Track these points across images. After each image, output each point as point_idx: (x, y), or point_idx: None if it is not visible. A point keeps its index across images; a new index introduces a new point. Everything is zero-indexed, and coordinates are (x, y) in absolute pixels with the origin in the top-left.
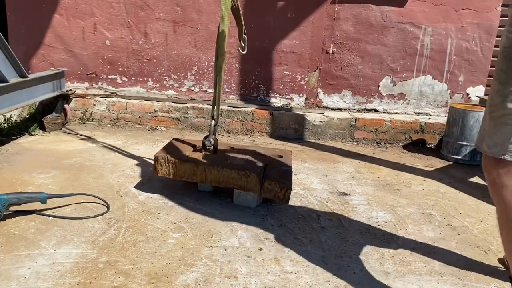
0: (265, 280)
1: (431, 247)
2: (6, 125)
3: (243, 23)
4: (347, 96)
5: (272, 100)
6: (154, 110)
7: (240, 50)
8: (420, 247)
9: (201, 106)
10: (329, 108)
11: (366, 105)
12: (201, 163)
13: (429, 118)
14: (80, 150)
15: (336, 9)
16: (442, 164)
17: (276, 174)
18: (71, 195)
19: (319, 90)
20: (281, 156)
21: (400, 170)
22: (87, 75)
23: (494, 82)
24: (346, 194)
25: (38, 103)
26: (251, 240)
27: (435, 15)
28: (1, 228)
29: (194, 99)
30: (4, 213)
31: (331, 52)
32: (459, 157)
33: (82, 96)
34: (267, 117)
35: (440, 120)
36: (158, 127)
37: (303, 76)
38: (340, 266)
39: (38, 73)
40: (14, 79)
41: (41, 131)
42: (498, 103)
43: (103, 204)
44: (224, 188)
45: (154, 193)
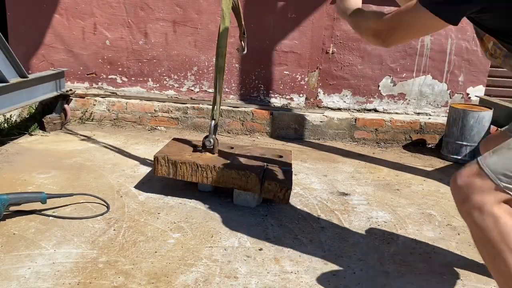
0: (265, 280)
1: (431, 247)
2: (6, 125)
3: (243, 22)
4: (347, 96)
5: (272, 100)
6: (154, 110)
7: (239, 51)
8: (420, 247)
9: (201, 106)
10: (329, 108)
11: (366, 105)
12: (201, 163)
13: (429, 118)
14: (80, 150)
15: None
16: (442, 164)
17: (276, 174)
18: (71, 195)
19: (319, 90)
20: (281, 156)
21: (400, 170)
22: (87, 75)
23: None
24: (346, 194)
25: (38, 103)
26: (251, 240)
27: None
28: (1, 228)
29: (194, 99)
30: (4, 213)
31: (331, 52)
32: (459, 157)
33: (82, 96)
34: (267, 117)
35: (440, 120)
36: (158, 127)
37: (303, 76)
38: (340, 266)
39: (38, 73)
40: (14, 79)
41: (41, 131)
42: None
43: (103, 204)
44: (224, 188)
45: (154, 193)
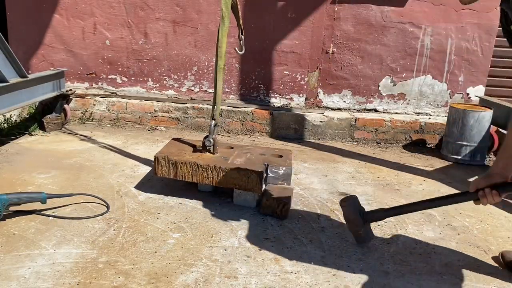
0: (265, 280)
1: (431, 247)
2: (6, 125)
3: (241, 22)
4: (347, 96)
5: (272, 100)
6: (154, 110)
7: (237, 51)
8: (420, 247)
9: (201, 106)
10: (329, 108)
11: (366, 105)
12: (201, 163)
13: (429, 118)
14: (80, 150)
15: (336, 9)
16: (442, 164)
17: (275, 190)
18: (71, 195)
19: (319, 90)
20: (281, 156)
21: (400, 170)
22: (87, 75)
23: None
24: (346, 194)
25: (38, 103)
26: (251, 240)
27: (435, 15)
28: (1, 228)
29: (194, 99)
30: (4, 213)
31: (331, 52)
32: (459, 157)
33: (82, 96)
34: (267, 117)
35: (440, 120)
36: (158, 127)
37: (303, 76)
38: (340, 266)
39: (38, 73)
40: (14, 79)
41: (41, 131)
42: None
43: (103, 204)
44: (224, 188)
45: (154, 193)
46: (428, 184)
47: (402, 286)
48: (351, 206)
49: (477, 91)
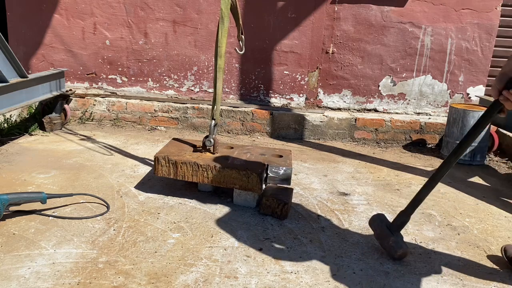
0: (265, 280)
1: (431, 247)
2: (6, 125)
3: (241, 22)
4: (347, 96)
5: (272, 100)
6: (154, 110)
7: (237, 50)
8: (420, 247)
9: (201, 106)
10: (329, 108)
11: (366, 105)
12: (201, 163)
13: (429, 118)
14: (80, 150)
15: (336, 9)
16: None
17: (274, 190)
18: (71, 195)
19: (319, 90)
20: (281, 156)
21: (400, 170)
22: (87, 75)
23: None
24: (346, 194)
25: (38, 103)
26: (251, 240)
27: (435, 15)
28: (1, 228)
29: (194, 99)
30: (4, 213)
31: (331, 52)
32: None
33: (82, 96)
34: (267, 117)
35: (440, 120)
36: (158, 127)
37: (303, 76)
38: (340, 266)
39: (38, 73)
40: (14, 79)
41: (41, 131)
42: None
43: (103, 204)
44: (224, 188)
45: (154, 193)
46: None
47: (402, 286)
48: (376, 221)
49: (477, 91)
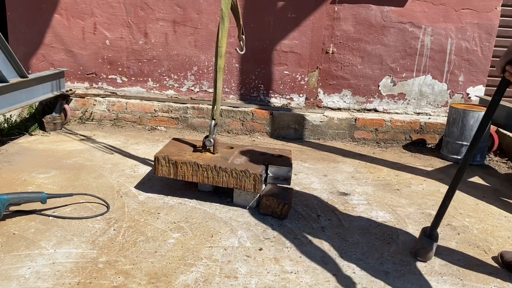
0: (265, 280)
1: None
2: (6, 125)
3: (241, 22)
4: (347, 96)
5: (272, 100)
6: (154, 110)
7: (238, 50)
8: None
9: (201, 106)
10: (329, 108)
11: (366, 105)
12: (201, 163)
13: (429, 118)
14: (80, 150)
15: (336, 9)
16: (442, 164)
17: (274, 190)
18: (71, 195)
19: (319, 90)
20: (281, 156)
21: (400, 170)
22: (87, 75)
23: None
24: (346, 194)
25: (38, 103)
26: (251, 240)
27: (435, 15)
28: (1, 228)
29: (194, 99)
30: (4, 213)
31: (331, 52)
32: (459, 157)
33: (82, 96)
34: (267, 117)
35: (440, 120)
36: (158, 127)
37: (303, 76)
38: (340, 266)
39: (38, 73)
40: (14, 79)
41: (41, 131)
42: None
43: (103, 204)
44: (224, 188)
45: (154, 193)
46: (428, 184)
47: (402, 286)
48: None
49: (477, 91)
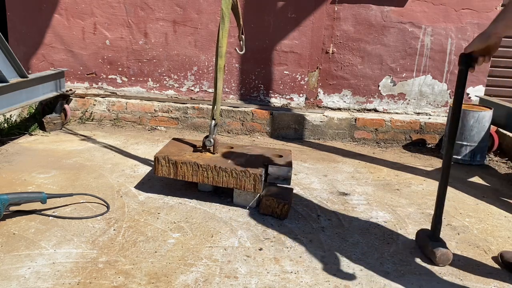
0: (265, 280)
1: None
2: (6, 125)
3: (241, 22)
4: (347, 96)
5: (272, 100)
6: (154, 110)
7: (237, 51)
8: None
9: (201, 106)
10: (329, 108)
11: (366, 105)
12: (201, 163)
13: (429, 118)
14: (80, 150)
15: (336, 9)
16: (442, 164)
17: (274, 190)
18: (71, 195)
19: (319, 90)
20: (281, 156)
21: (400, 170)
22: (87, 75)
23: None
24: (346, 194)
25: (38, 103)
26: (251, 240)
27: (435, 15)
28: (1, 228)
29: (194, 99)
30: (4, 213)
31: (331, 52)
32: (459, 157)
33: (82, 96)
34: (267, 117)
35: (440, 120)
36: (158, 127)
37: (303, 76)
38: (340, 266)
39: (38, 73)
40: (14, 79)
41: (41, 131)
42: None
43: (103, 204)
44: (224, 188)
45: (154, 193)
46: (428, 184)
47: (402, 286)
48: (420, 236)
49: (477, 91)
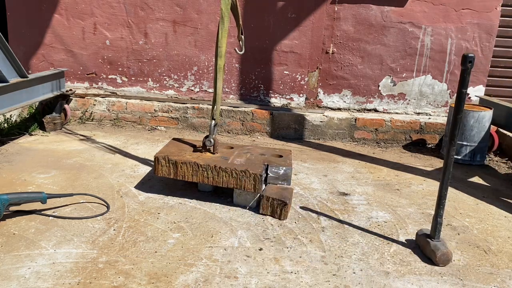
0: (265, 280)
1: None
2: (6, 125)
3: (241, 23)
4: (347, 96)
5: (272, 100)
6: (154, 110)
7: (237, 51)
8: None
9: (201, 106)
10: (329, 108)
11: (366, 105)
12: (201, 163)
13: (429, 118)
14: (80, 150)
15: (336, 9)
16: (442, 164)
17: (274, 190)
18: (71, 195)
19: (319, 90)
20: (281, 156)
21: (400, 170)
22: (87, 75)
23: None
24: (346, 194)
25: (38, 103)
26: (251, 240)
27: (435, 15)
28: (1, 228)
29: (194, 99)
30: (4, 213)
31: (331, 52)
32: (459, 157)
33: (82, 96)
34: (267, 117)
35: (440, 120)
36: (158, 127)
37: (303, 76)
38: (340, 266)
39: (38, 73)
40: (14, 79)
41: (41, 131)
42: None
43: (103, 204)
44: (224, 188)
45: (154, 193)
46: (428, 184)
47: (402, 286)
48: (420, 235)
49: (477, 91)
